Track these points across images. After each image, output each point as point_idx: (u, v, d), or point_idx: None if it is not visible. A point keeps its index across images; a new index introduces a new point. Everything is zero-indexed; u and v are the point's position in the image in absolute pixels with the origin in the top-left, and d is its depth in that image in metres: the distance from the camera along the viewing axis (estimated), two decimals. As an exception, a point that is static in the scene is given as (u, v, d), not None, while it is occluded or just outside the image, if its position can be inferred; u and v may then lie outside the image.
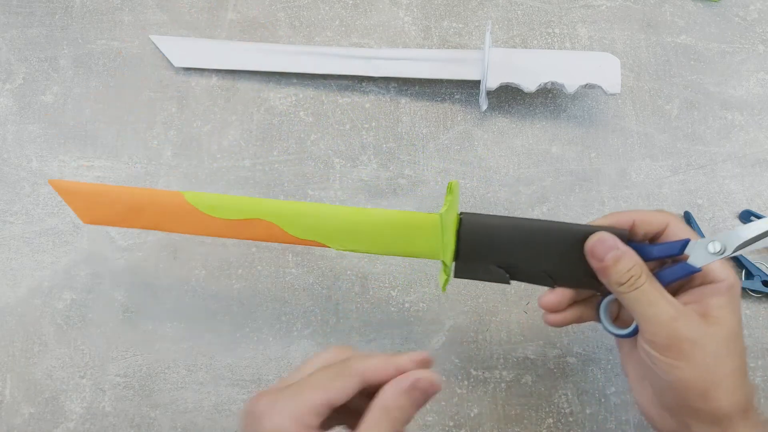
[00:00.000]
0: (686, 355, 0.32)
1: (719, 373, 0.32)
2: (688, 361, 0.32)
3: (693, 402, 0.32)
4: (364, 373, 0.30)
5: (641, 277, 0.33)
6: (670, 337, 0.32)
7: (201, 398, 0.45)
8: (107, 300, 0.48)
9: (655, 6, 0.57)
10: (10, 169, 0.51)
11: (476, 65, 0.51)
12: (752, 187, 0.51)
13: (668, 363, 0.32)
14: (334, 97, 0.54)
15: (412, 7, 0.57)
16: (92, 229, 0.50)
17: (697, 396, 0.32)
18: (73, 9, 0.56)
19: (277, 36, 0.56)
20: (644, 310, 0.33)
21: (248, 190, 0.51)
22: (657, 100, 0.54)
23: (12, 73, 0.54)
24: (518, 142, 0.52)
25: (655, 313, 0.33)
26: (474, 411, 0.45)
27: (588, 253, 0.35)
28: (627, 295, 0.34)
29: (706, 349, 0.32)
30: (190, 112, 0.53)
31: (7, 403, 0.45)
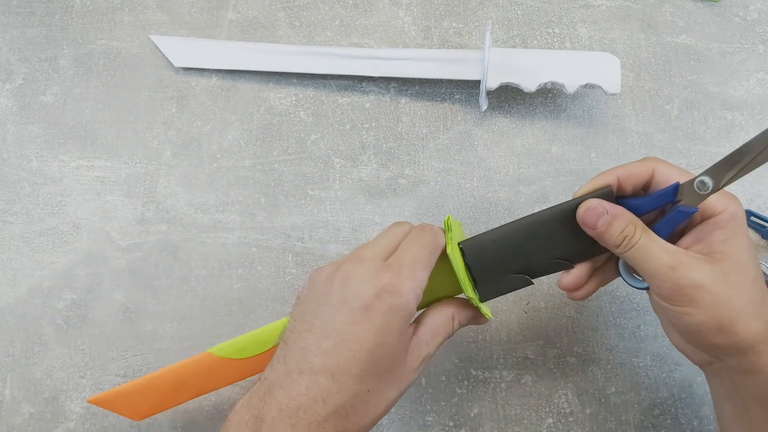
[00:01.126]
0: (693, 301, 0.32)
1: (732, 308, 0.32)
2: (696, 306, 0.32)
3: (713, 339, 0.32)
4: (443, 246, 0.36)
5: (635, 235, 0.34)
6: (673, 287, 0.32)
7: (201, 398, 0.45)
8: (107, 300, 0.48)
9: (655, 6, 0.57)
10: (10, 169, 0.51)
11: (476, 65, 0.51)
12: (752, 187, 0.51)
13: (678, 311, 0.33)
14: (334, 97, 0.54)
15: (412, 7, 0.57)
16: (92, 229, 0.50)
17: (714, 334, 0.32)
18: (73, 9, 0.56)
19: (277, 36, 0.56)
20: (644, 266, 0.33)
21: (248, 189, 0.51)
22: (657, 100, 0.54)
23: (12, 73, 0.54)
24: (518, 142, 0.52)
25: (654, 267, 0.33)
26: (474, 411, 0.45)
27: (581, 224, 0.35)
28: (626, 255, 0.34)
29: (713, 290, 0.32)
30: (190, 112, 0.53)
31: (7, 403, 0.45)
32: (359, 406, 0.31)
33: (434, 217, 0.50)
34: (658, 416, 0.45)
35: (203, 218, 0.50)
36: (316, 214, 0.50)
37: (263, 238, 0.49)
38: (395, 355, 0.33)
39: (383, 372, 0.32)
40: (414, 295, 0.33)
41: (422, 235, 0.36)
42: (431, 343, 0.35)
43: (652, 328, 0.47)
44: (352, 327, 0.32)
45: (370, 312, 0.32)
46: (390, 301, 0.32)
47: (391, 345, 0.32)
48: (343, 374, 0.31)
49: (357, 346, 0.31)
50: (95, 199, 0.51)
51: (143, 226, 0.50)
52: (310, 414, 0.30)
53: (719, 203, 0.34)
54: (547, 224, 0.37)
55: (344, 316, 0.32)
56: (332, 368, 0.31)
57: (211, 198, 0.51)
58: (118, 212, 0.50)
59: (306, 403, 0.30)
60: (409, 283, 0.33)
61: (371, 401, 0.32)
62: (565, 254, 0.37)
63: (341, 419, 0.31)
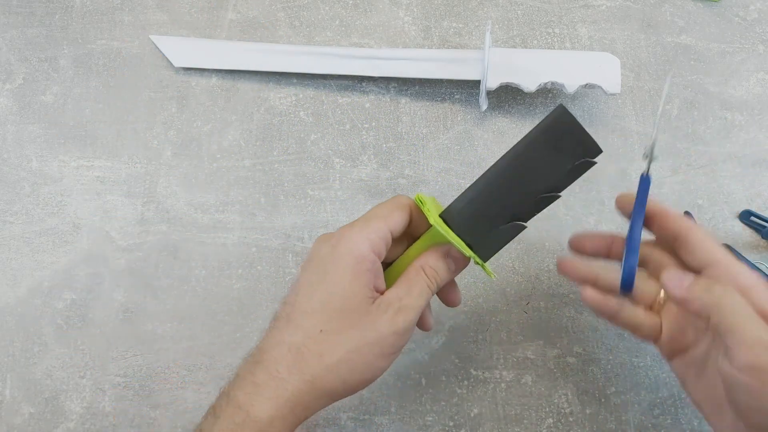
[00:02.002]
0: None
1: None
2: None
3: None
4: (412, 206, 0.36)
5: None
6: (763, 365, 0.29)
7: (201, 398, 0.45)
8: (107, 300, 0.48)
9: (655, 6, 0.57)
10: (10, 169, 0.51)
11: (476, 65, 0.51)
12: (752, 187, 0.51)
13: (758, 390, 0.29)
14: (334, 97, 0.54)
15: (412, 7, 0.57)
16: (92, 229, 0.50)
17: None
18: (73, 9, 0.56)
19: (277, 36, 0.56)
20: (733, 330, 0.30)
21: (248, 189, 0.51)
22: (657, 100, 0.54)
23: (12, 73, 0.54)
24: (518, 142, 0.52)
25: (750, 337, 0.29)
26: (474, 411, 0.45)
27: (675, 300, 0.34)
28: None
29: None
30: (190, 112, 0.53)
31: (7, 403, 0.45)
32: (312, 346, 0.32)
33: (434, 217, 0.50)
34: (658, 416, 0.45)
35: (203, 218, 0.50)
36: (316, 214, 0.50)
37: (263, 238, 0.49)
38: (349, 295, 0.33)
39: (336, 312, 0.33)
40: (365, 239, 0.34)
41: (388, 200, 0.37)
42: (407, 296, 0.34)
43: (652, 328, 0.47)
44: (309, 276, 0.34)
45: (321, 259, 0.34)
46: (339, 247, 0.34)
47: (341, 284, 0.33)
48: (296, 315, 0.33)
49: (306, 288, 0.34)
50: (95, 199, 0.51)
51: (143, 226, 0.50)
52: (270, 357, 0.32)
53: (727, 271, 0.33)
54: (518, 164, 0.36)
55: (307, 270, 0.35)
56: (289, 312, 0.34)
57: (211, 198, 0.51)
58: (118, 212, 0.50)
59: (266, 347, 0.33)
60: (357, 230, 0.34)
61: (324, 342, 0.32)
62: (549, 186, 0.36)
63: (293, 358, 0.32)
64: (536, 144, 0.35)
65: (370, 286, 0.34)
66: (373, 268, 0.34)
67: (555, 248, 0.49)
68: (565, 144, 0.35)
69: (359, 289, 0.34)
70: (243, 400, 0.32)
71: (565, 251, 0.49)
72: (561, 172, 0.36)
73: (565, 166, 0.35)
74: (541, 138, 0.35)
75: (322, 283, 0.34)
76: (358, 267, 0.33)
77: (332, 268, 0.34)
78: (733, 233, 0.49)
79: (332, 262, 0.34)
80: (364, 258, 0.34)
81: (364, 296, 0.34)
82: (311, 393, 0.32)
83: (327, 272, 0.34)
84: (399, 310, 0.33)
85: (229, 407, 0.32)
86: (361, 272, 0.34)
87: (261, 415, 0.31)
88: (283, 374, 0.32)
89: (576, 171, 0.36)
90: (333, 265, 0.34)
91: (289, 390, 0.32)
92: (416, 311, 0.34)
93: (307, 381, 0.32)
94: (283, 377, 0.32)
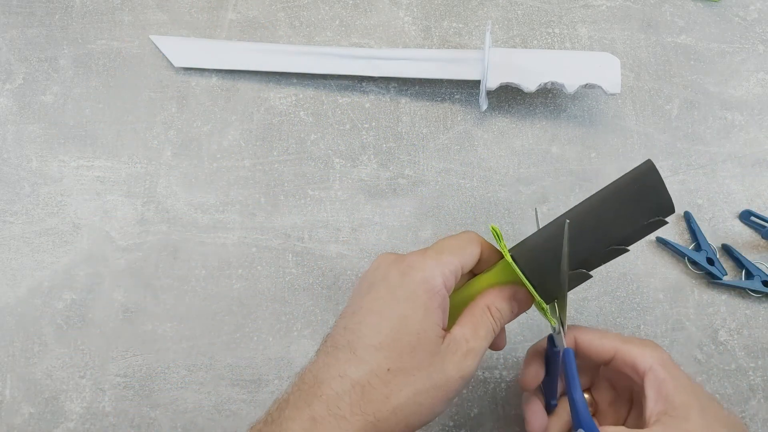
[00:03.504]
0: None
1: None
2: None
3: None
4: (482, 243, 0.35)
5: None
6: None
7: (201, 398, 0.45)
8: (107, 300, 0.48)
9: (655, 6, 0.57)
10: (10, 169, 0.51)
11: (476, 65, 0.51)
12: (752, 187, 0.51)
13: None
14: (334, 97, 0.54)
15: (412, 7, 0.57)
16: (92, 229, 0.50)
17: None
18: (73, 9, 0.56)
19: (277, 36, 0.56)
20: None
21: (248, 189, 0.51)
22: (657, 100, 0.54)
23: (12, 73, 0.54)
24: (518, 142, 0.52)
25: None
26: (474, 411, 0.45)
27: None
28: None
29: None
30: (190, 112, 0.53)
31: (7, 403, 0.45)
32: (378, 386, 0.30)
33: (434, 217, 0.50)
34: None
35: (203, 218, 0.50)
36: (316, 214, 0.50)
37: (263, 238, 0.49)
38: (420, 332, 0.31)
39: (406, 350, 0.30)
40: (439, 273, 0.32)
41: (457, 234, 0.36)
42: (473, 338, 0.32)
43: (652, 329, 0.47)
44: (375, 302, 0.32)
45: (390, 284, 0.32)
46: (412, 275, 0.32)
47: (413, 319, 0.31)
48: (361, 348, 0.30)
49: (373, 317, 0.31)
50: (95, 199, 0.51)
51: (143, 226, 0.50)
52: (330, 391, 0.29)
53: (644, 358, 0.34)
54: (593, 213, 0.35)
55: (372, 294, 0.32)
56: (353, 342, 0.31)
57: (211, 198, 0.51)
58: (118, 212, 0.50)
59: (325, 378, 0.30)
60: (432, 261, 0.32)
61: (392, 382, 0.30)
62: (620, 238, 0.35)
63: (357, 396, 0.29)
64: (618, 195, 0.35)
65: (440, 324, 0.32)
66: (444, 305, 0.32)
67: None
68: (645, 199, 0.35)
69: (431, 326, 0.31)
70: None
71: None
72: (635, 226, 0.35)
73: (641, 221, 0.35)
74: (625, 190, 0.35)
75: (391, 313, 0.31)
76: (431, 302, 0.32)
77: (403, 298, 0.31)
78: (733, 233, 0.50)
79: (403, 291, 0.32)
80: (437, 293, 0.32)
81: (435, 335, 0.31)
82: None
83: (397, 302, 0.31)
84: (467, 352, 0.32)
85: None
86: (434, 308, 0.32)
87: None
88: (345, 413, 0.29)
89: (649, 228, 0.35)
90: (404, 294, 0.31)
91: (350, 431, 0.29)
92: (481, 354, 0.33)
93: (370, 422, 0.29)
94: (345, 416, 0.29)
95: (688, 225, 0.49)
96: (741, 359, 0.46)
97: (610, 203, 0.35)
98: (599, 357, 0.36)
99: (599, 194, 0.35)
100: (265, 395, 0.45)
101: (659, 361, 0.35)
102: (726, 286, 0.48)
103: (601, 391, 0.39)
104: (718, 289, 0.48)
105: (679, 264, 0.49)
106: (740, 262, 0.48)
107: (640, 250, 0.49)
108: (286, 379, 0.46)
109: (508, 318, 0.35)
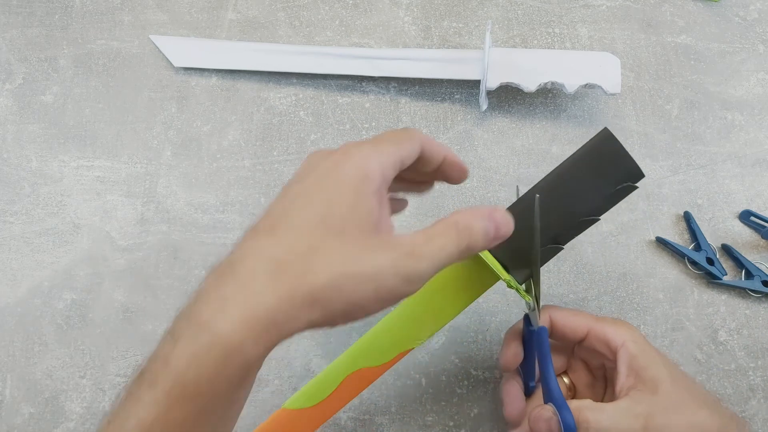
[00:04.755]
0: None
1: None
2: None
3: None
4: (422, 141, 0.32)
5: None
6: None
7: (201, 398, 0.45)
8: (107, 300, 0.48)
9: (655, 6, 0.57)
10: (10, 169, 0.51)
11: (476, 65, 0.51)
12: (752, 187, 0.51)
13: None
14: (334, 97, 0.54)
15: (412, 7, 0.57)
16: (92, 229, 0.50)
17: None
18: (73, 9, 0.56)
19: (277, 36, 0.56)
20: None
21: (248, 189, 0.51)
22: (657, 100, 0.54)
23: (12, 73, 0.54)
24: (518, 142, 0.52)
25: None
26: (474, 411, 0.45)
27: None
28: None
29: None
30: (190, 112, 0.53)
31: (7, 403, 0.45)
32: (298, 262, 0.27)
33: (434, 217, 0.50)
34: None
35: (203, 218, 0.50)
36: (316, 214, 0.50)
37: (263, 238, 0.49)
38: (348, 217, 0.28)
39: (332, 233, 0.28)
40: (376, 160, 0.29)
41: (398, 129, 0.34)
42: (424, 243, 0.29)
43: (652, 329, 0.47)
44: (302, 190, 0.30)
45: (320, 172, 0.30)
46: (344, 162, 0.29)
47: (341, 203, 0.28)
48: (281, 226, 0.28)
49: (299, 199, 0.29)
50: (95, 199, 0.51)
51: (143, 226, 0.50)
52: (243, 268, 0.27)
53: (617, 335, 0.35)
54: (560, 186, 0.35)
55: (299, 184, 0.30)
56: (271, 224, 0.29)
57: (211, 198, 0.51)
58: (118, 212, 0.50)
59: (238, 258, 0.28)
60: (369, 149, 0.30)
61: (315, 260, 0.27)
62: (589, 209, 0.35)
63: (279, 273, 0.27)
64: (579, 166, 0.35)
65: (374, 214, 0.29)
66: (381, 195, 0.30)
67: (555, 248, 0.49)
68: (608, 167, 0.35)
69: (364, 212, 0.29)
70: (208, 317, 0.26)
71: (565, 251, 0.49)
72: (602, 195, 0.35)
73: (607, 189, 0.35)
74: (584, 161, 0.35)
75: (319, 195, 0.29)
76: (365, 187, 0.29)
77: (333, 182, 0.29)
78: (733, 233, 0.50)
79: (335, 176, 0.29)
80: (372, 178, 0.29)
81: (367, 221, 0.29)
82: (288, 312, 0.26)
83: (326, 186, 0.29)
84: (411, 254, 0.28)
85: (190, 327, 0.26)
86: (368, 194, 0.29)
87: (231, 335, 0.26)
88: (259, 288, 0.26)
89: (617, 195, 0.35)
90: (335, 179, 0.29)
91: (264, 306, 0.26)
92: (430, 262, 0.28)
93: (284, 299, 0.26)
94: (259, 291, 0.26)
95: (688, 225, 0.49)
96: (741, 359, 0.46)
97: (574, 175, 0.35)
98: (573, 334, 0.37)
99: (561, 166, 0.36)
100: (266, 395, 0.45)
101: (631, 337, 0.35)
102: (726, 286, 0.48)
103: (577, 373, 0.40)
104: (718, 289, 0.48)
105: (679, 264, 0.49)
106: (740, 262, 0.48)
107: (640, 250, 0.49)
108: (287, 379, 0.46)
109: (481, 238, 0.30)
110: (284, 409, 0.37)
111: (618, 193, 0.35)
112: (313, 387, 0.37)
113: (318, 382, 0.37)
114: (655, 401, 0.33)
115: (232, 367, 0.26)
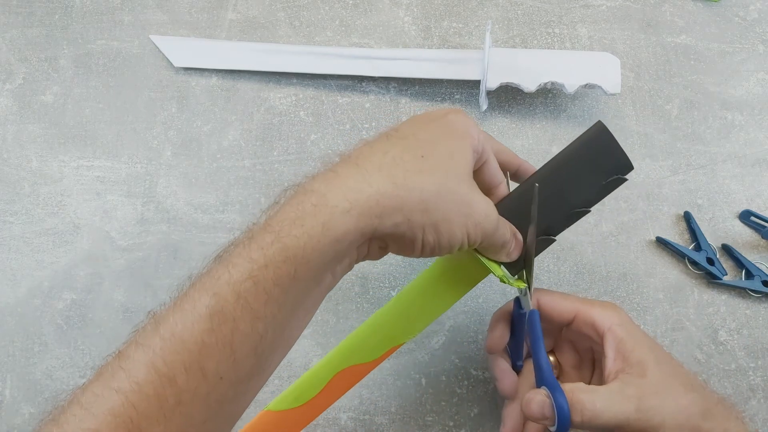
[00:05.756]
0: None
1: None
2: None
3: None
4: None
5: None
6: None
7: (201, 398, 0.45)
8: (107, 300, 0.48)
9: (655, 6, 0.57)
10: (10, 169, 0.51)
11: (476, 65, 0.51)
12: (752, 187, 0.51)
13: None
14: (334, 97, 0.54)
15: (412, 7, 0.57)
16: (92, 229, 0.50)
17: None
18: (73, 9, 0.56)
19: (277, 36, 0.56)
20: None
21: (248, 189, 0.51)
22: (657, 100, 0.54)
23: (12, 73, 0.54)
24: (518, 142, 0.52)
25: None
26: (474, 411, 0.45)
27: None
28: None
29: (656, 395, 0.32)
30: (190, 112, 0.53)
31: (7, 403, 0.45)
32: (409, 163, 0.29)
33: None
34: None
35: (203, 218, 0.50)
36: (316, 214, 0.50)
37: (263, 238, 0.49)
38: (453, 156, 0.30)
39: (439, 163, 0.30)
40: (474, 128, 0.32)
41: None
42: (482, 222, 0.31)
43: (652, 328, 0.47)
44: (405, 127, 0.32)
45: (426, 123, 0.32)
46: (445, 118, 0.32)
47: (448, 146, 0.31)
48: (395, 136, 0.31)
49: (412, 141, 0.31)
50: (95, 199, 0.51)
51: (143, 226, 0.50)
52: (359, 154, 0.29)
53: (604, 319, 0.35)
54: (554, 179, 0.36)
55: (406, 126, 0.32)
56: (387, 134, 0.31)
57: (211, 198, 0.51)
58: (118, 212, 0.50)
59: (354, 152, 0.30)
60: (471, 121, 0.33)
61: (424, 170, 0.29)
62: (581, 201, 0.36)
63: (391, 166, 0.29)
64: (573, 159, 0.35)
65: (471, 166, 0.32)
66: (472, 162, 0.32)
67: (554, 247, 0.49)
68: (600, 160, 0.35)
69: (464, 159, 0.31)
70: (318, 186, 0.28)
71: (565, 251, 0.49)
72: (594, 187, 0.36)
73: (599, 181, 0.35)
74: (579, 153, 0.35)
75: (427, 135, 0.31)
76: (466, 142, 0.31)
77: (442, 133, 0.31)
78: (733, 233, 0.50)
79: (441, 129, 0.31)
80: (473, 136, 0.32)
81: (466, 170, 0.31)
82: (393, 199, 0.27)
83: (434, 133, 0.31)
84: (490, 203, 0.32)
85: (297, 195, 0.28)
86: (469, 148, 0.31)
87: (337, 203, 0.26)
88: (370, 169, 0.28)
89: (608, 187, 0.36)
90: (442, 131, 0.31)
91: (374, 188, 0.27)
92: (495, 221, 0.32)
93: (393, 184, 0.28)
94: (369, 171, 0.28)
95: (688, 225, 0.49)
96: (741, 359, 0.46)
97: (568, 168, 0.36)
98: (561, 318, 0.37)
99: (555, 161, 0.36)
100: (266, 395, 0.45)
101: (618, 321, 0.35)
102: (726, 286, 0.48)
103: (564, 354, 0.40)
104: (718, 289, 0.48)
105: (679, 264, 0.49)
106: (740, 262, 0.48)
107: (640, 250, 0.49)
108: (287, 379, 0.46)
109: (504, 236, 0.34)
110: (268, 411, 0.37)
111: (609, 185, 0.36)
112: (301, 386, 0.37)
113: (305, 381, 0.37)
114: (644, 384, 0.33)
115: (330, 236, 0.26)
